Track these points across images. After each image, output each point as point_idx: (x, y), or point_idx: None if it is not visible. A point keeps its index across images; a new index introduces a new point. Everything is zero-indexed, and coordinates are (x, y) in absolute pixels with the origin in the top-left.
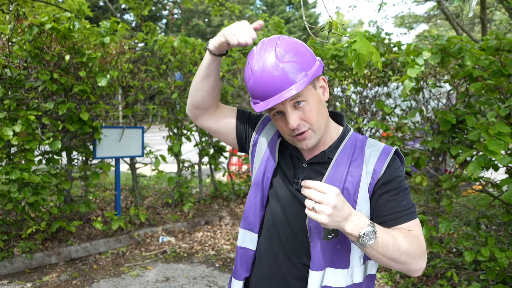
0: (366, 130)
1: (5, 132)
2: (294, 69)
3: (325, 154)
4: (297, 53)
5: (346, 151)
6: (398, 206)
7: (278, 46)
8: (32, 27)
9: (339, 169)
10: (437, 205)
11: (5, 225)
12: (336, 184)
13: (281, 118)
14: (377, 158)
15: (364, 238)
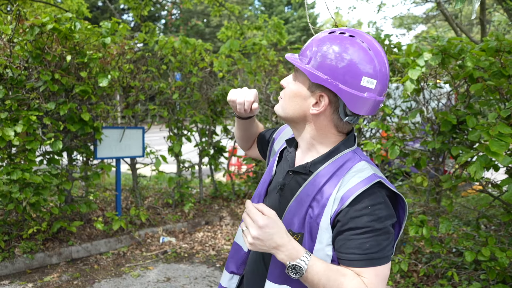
0: (366, 130)
1: (7, 133)
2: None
3: (306, 166)
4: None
5: (330, 169)
6: (359, 248)
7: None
8: (33, 27)
9: (314, 185)
10: (438, 205)
11: (6, 225)
12: (306, 201)
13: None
14: (352, 186)
15: (288, 269)
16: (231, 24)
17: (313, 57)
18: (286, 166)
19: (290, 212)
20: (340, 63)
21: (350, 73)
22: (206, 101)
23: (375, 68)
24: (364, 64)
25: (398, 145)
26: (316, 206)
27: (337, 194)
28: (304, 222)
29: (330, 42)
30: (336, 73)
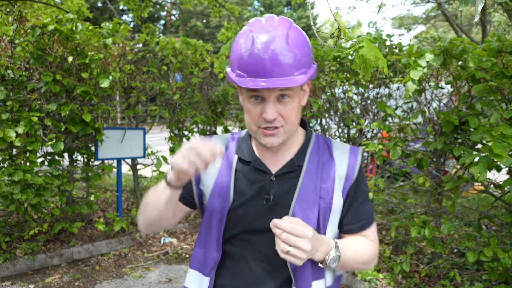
0: (368, 131)
1: (8, 134)
2: (298, 62)
3: (293, 162)
4: (306, 47)
5: (314, 156)
6: (364, 213)
7: (291, 29)
8: (34, 28)
9: (311, 177)
10: (439, 205)
11: (8, 226)
12: (312, 195)
13: (257, 104)
14: (348, 163)
15: (329, 262)
16: (231, 25)
17: (305, 61)
18: (252, 176)
19: (298, 213)
20: (307, 46)
21: (311, 53)
22: (207, 102)
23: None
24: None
25: (400, 145)
26: (325, 193)
27: (340, 174)
28: (318, 215)
29: (289, 35)
30: (310, 59)
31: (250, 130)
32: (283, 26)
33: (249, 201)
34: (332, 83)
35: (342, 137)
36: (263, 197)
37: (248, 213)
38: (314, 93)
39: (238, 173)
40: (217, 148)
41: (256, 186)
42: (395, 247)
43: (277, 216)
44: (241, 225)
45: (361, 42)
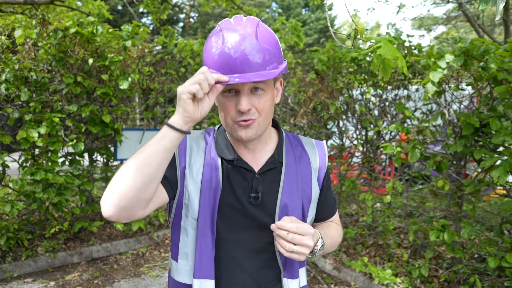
0: (386, 133)
1: (31, 134)
2: (269, 56)
3: (275, 159)
4: (274, 43)
5: (289, 151)
6: (331, 200)
7: (259, 27)
8: (57, 31)
9: (291, 172)
10: (459, 209)
11: (30, 224)
12: (295, 188)
13: (231, 98)
14: (318, 155)
15: (318, 252)
16: None
17: (276, 57)
18: (236, 175)
19: (284, 207)
20: (276, 43)
21: (281, 50)
22: None
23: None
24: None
25: (418, 148)
26: (306, 185)
27: (314, 166)
28: (302, 207)
29: (258, 32)
30: (280, 54)
31: (226, 127)
32: (251, 24)
33: (236, 200)
34: (350, 85)
35: (360, 139)
36: (250, 195)
37: (236, 212)
38: (331, 95)
39: (224, 169)
40: (222, 77)
41: (242, 185)
42: (414, 251)
43: (264, 212)
44: (230, 224)
45: (379, 42)
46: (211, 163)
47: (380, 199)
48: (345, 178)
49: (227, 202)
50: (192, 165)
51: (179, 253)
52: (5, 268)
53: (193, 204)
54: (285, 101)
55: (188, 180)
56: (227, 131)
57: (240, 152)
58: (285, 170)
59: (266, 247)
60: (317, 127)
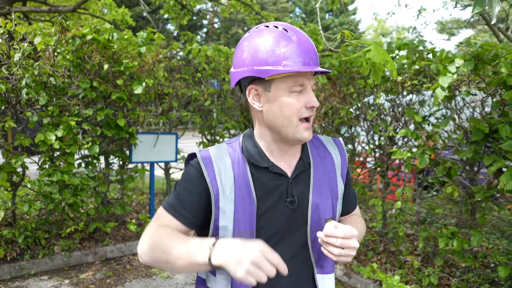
0: (398, 139)
1: (49, 137)
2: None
3: (304, 161)
4: None
5: (314, 152)
6: (353, 195)
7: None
8: (75, 38)
9: (319, 172)
10: (471, 217)
11: (47, 224)
12: (324, 188)
13: (298, 96)
14: (339, 152)
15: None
16: None
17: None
18: (270, 182)
19: (316, 208)
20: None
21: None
22: (238, 107)
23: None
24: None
25: (428, 153)
26: (333, 183)
27: (337, 163)
28: (331, 204)
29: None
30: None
31: (286, 127)
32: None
33: (273, 207)
34: (361, 90)
35: (372, 144)
36: (286, 200)
37: (274, 219)
38: (343, 100)
39: (255, 180)
40: (280, 263)
41: (277, 191)
42: (426, 259)
43: (299, 215)
44: (268, 233)
45: (369, 46)
46: (242, 179)
47: (392, 205)
48: (356, 183)
49: (264, 213)
50: (224, 186)
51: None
52: (23, 265)
53: (229, 224)
54: None
55: (222, 202)
56: (286, 132)
57: (272, 157)
58: (313, 171)
59: (301, 249)
60: (329, 132)
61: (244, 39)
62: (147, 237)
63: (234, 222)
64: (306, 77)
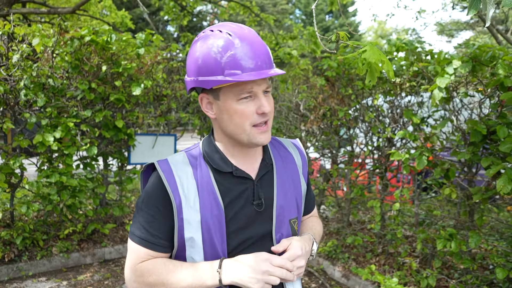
0: (396, 140)
1: (47, 138)
2: (271, 57)
3: (267, 162)
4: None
5: (275, 152)
6: (312, 195)
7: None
8: (73, 39)
9: (282, 172)
10: (469, 218)
11: (45, 225)
12: (287, 188)
13: (248, 103)
14: (299, 152)
15: (314, 254)
16: (266, 34)
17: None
18: (235, 186)
19: (281, 208)
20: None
21: None
22: None
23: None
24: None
25: (426, 155)
26: (295, 183)
27: (298, 163)
28: (295, 203)
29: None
30: None
31: (239, 134)
32: (249, 28)
33: (241, 212)
34: (359, 91)
35: (370, 145)
36: (252, 203)
37: (243, 223)
38: (342, 101)
39: (220, 186)
40: (286, 264)
41: (244, 194)
42: (424, 261)
43: (266, 217)
44: (239, 238)
45: (364, 46)
46: (206, 186)
47: (390, 207)
48: (355, 185)
49: (232, 218)
50: (187, 196)
51: None
52: (21, 267)
53: (196, 235)
54: (297, 107)
55: (186, 213)
56: (239, 139)
57: (235, 160)
58: (277, 172)
59: (271, 252)
60: (328, 134)
61: (192, 44)
62: (137, 277)
63: (202, 231)
64: (255, 82)
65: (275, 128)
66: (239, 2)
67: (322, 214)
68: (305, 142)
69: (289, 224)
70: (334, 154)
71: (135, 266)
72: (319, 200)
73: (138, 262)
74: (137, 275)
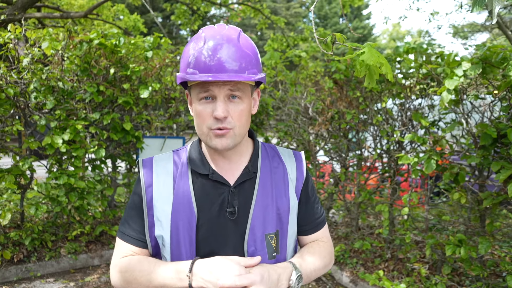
0: (406, 144)
1: (55, 140)
2: (249, 62)
3: (249, 170)
4: (255, 51)
5: (265, 161)
6: (316, 213)
7: (240, 34)
8: (82, 43)
9: (266, 183)
10: (480, 224)
11: (54, 226)
12: (269, 200)
13: (208, 105)
14: (296, 165)
15: (295, 285)
16: (277, 36)
17: (255, 64)
18: (211, 190)
19: (257, 219)
20: (256, 53)
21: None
22: None
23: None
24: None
25: (434, 158)
26: (281, 196)
27: (292, 176)
28: (275, 217)
29: (240, 38)
30: (260, 64)
31: (201, 135)
32: (233, 30)
33: (214, 218)
34: (367, 94)
35: (379, 149)
36: (226, 211)
37: (214, 230)
38: (350, 104)
39: (196, 189)
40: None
41: (218, 200)
42: (434, 267)
43: (239, 228)
44: (209, 245)
45: (363, 48)
46: (182, 187)
47: (399, 211)
48: (363, 188)
49: (204, 223)
50: (161, 194)
51: None
52: (29, 267)
53: (166, 234)
54: (306, 110)
55: (157, 210)
56: (202, 140)
57: (215, 164)
58: (259, 181)
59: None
60: (337, 137)
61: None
62: (117, 272)
63: (171, 232)
64: (215, 84)
65: (283, 131)
66: (250, 5)
67: (331, 219)
68: (314, 145)
69: (264, 238)
70: (343, 158)
71: (116, 261)
72: (327, 204)
73: (120, 257)
74: (116, 270)
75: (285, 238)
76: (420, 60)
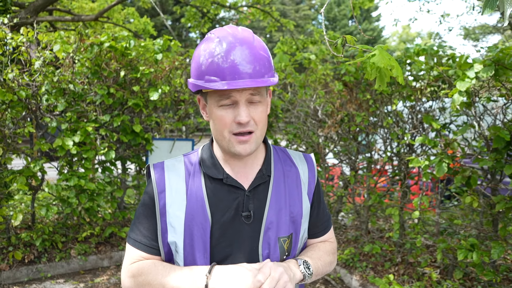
0: (416, 146)
1: (66, 142)
2: (265, 65)
3: (263, 173)
4: (268, 52)
5: (278, 165)
6: (324, 216)
7: (254, 37)
8: (93, 46)
9: (279, 186)
10: (493, 228)
11: (65, 228)
12: (282, 203)
13: (229, 109)
14: (308, 168)
15: (304, 270)
16: (286, 39)
17: (270, 66)
18: (225, 194)
19: (271, 223)
20: (269, 54)
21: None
22: None
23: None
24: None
25: (446, 162)
26: (294, 200)
27: (304, 179)
28: (289, 221)
29: (255, 40)
30: (273, 66)
31: (221, 141)
32: (247, 32)
33: (228, 222)
34: (377, 96)
35: (389, 151)
36: (241, 215)
37: (229, 235)
38: (360, 106)
39: (210, 194)
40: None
41: (233, 204)
42: (446, 271)
43: (253, 231)
44: (224, 249)
45: (374, 50)
46: (195, 192)
47: (410, 215)
48: (373, 191)
49: (219, 228)
50: (174, 199)
51: None
52: (40, 268)
53: (179, 240)
54: (315, 112)
55: (170, 216)
56: (221, 145)
57: (229, 168)
58: (273, 185)
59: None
60: (346, 139)
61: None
62: (129, 277)
63: (184, 237)
64: (237, 90)
65: (293, 134)
66: (260, 8)
67: (340, 222)
68: (323, 148)
69: (277, 241)
70: (353, 160)
71: (127, 266)
72: (337, 207)
73: (131, 263)
74: (128, 276)
75: (297, 241)
76: (431, 62)
